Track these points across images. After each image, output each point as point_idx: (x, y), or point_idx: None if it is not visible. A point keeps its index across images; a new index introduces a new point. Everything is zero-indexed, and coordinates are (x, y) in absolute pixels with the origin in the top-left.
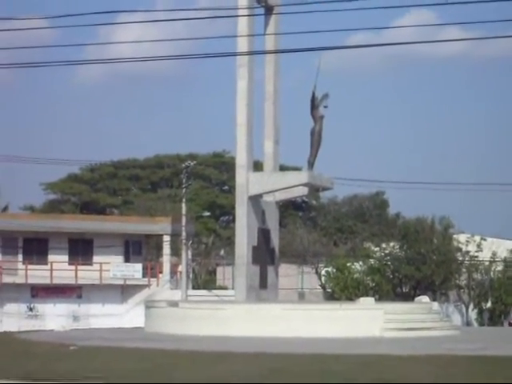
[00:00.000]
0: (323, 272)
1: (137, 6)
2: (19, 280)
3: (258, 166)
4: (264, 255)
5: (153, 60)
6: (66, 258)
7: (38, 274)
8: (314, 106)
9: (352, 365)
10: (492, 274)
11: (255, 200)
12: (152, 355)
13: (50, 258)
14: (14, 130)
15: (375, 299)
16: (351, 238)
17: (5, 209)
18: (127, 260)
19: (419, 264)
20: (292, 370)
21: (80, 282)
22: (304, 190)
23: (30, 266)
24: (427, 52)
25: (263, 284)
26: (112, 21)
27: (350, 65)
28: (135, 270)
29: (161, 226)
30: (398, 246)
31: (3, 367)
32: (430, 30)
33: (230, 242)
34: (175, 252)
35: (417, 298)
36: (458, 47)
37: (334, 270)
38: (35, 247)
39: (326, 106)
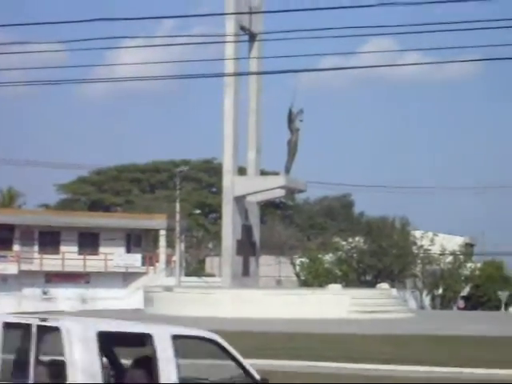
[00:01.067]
0: (298, 262)
1: (137, 32)
2: (35, 268)
3: (242, 171)
4: (247, 247)
5: (152, 79)
6: (75, 248)
7: (51, 263)
8: (290, 120)
9: (322, 342)
10: (442, 265)
11: (239, 200)
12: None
13: (62, 248)
14: (31, 137)
15: (342, 286)
16: (322, 234)
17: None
18: (128, 251)
19: (380, 256)
20: (272, 346)
21: (88, 269)
22: (281, 192)
23: (44, 256)
24: (389, 73)
25: (246, 272)
26: (115, 45)
27: (322, 84)
28: (135, 260)
29: (158, 222)
30: (362, 241)
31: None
32: (392, 55)
33: (217, 236)
34: (170, 244)
35: (378, 285)
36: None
37: (307, 261)
38: (49, 239)
39: (301, 120)
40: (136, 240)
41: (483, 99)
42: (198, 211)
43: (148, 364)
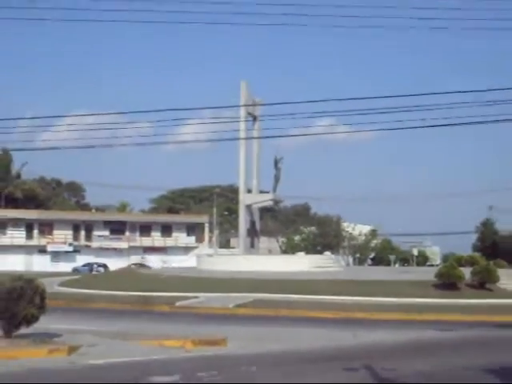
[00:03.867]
0: (280, 241)
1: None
2: (137, 244)
3: (249, 191)
4: (252, 232)
5: (200, 142)
6: (159, 234)
7: (146, 242)
8: (275, 163)
9: (294, 284)
10: (359, 241)
11: (248, 207)
12: (198, 276)
13: (152, 234)
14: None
15: (304, 253)
16: (293, 225)
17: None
18: (188, 235)
19: (325, 237)
20: (266, 285)
21: (166, 245)
22: (271, 202)
23: (143, 238)
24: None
25: (252, 246)
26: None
27: (295, 142)
28: (191, 240)
29: (203, 219)
30: (315, 228)
31: (129, 285)
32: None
33: (236, 227)
34: (210, 231)
35: (324, 253)
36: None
37: (285, 240)
38: (145, 229)
39: (281, 159)
40: (192, 228)
41: None
42: (226, 213)
43: None
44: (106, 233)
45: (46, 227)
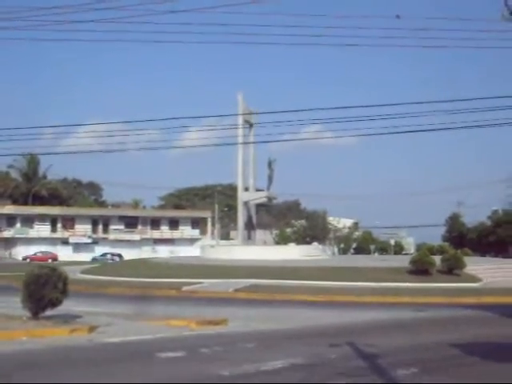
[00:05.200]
0: (274, 233)
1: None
2: (148, 237)
3: (246, 189)
4: (249, 226)
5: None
6: (167, 227)
7: (155, 234)
8: (269, 164)
9: (286, 269)
10: (343, 233)
11: (246, 203)
12: (202, 264)
13: (161, 227)
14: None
15: (295, 244)
16: (285, 219)
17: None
18: (193, 228)
19: (313, 229)
20: (261, 272)
21: (173, 237)
22: (265, 199)
23: (153, 231)
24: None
25: (249, 238)
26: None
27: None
28: (195, 232)
29: (206, 213)
30: (304, 222)
31: (141, 272)
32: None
33: (235, 220)
34: (212, 224)
35: (313, 243)
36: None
37: (279, 232)
38: (154, 222)
39: (274, 161)
40: (196, 222)
41: None
42: (226, 209)
43: None
44: (121, 226)
45: (68, 222)
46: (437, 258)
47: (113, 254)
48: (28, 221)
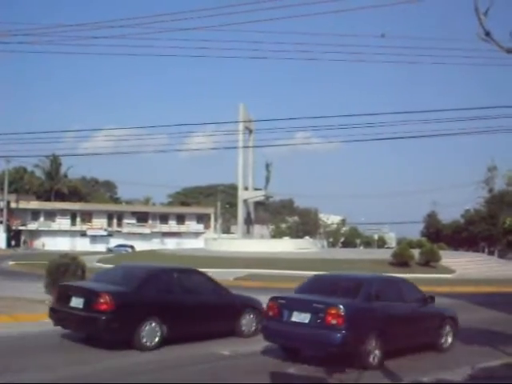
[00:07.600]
0: (270, 228)
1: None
2: (157, 230)
3: (246, 188)
4: (248, 220)
5: (205, 149)
6: (175, 222)
7: (164, 228)
8: (266, 166)
9: (281, 261)
10: (332, 228)
11: (245, 201)
12: (205, 255)
13: (169, 222)
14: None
15: (289, 238)
16: (280, 215)
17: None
18: (197, 222)
19: (305, 225)
20: (259, 262)
21: (180, 231)
22: (263, 197)
23: (162, 225)
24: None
25: (248, 232)
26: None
27: (280, 151)
28: (200, 226)
29: (210, 210)
30: (297, 218)
31: (152, 261)
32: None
33: (235, 216)
34: (215, 219)
35: (305, 237)
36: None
37: (274, 227)
38: (163, 218)
39: (271, 163)
40: (201, 218)
41: None
42: (227, 206)
43: None
44: (133, 221)
45: (87, 216)
46: (415, 252)
47: (126, 246)
48: (50, 215)
